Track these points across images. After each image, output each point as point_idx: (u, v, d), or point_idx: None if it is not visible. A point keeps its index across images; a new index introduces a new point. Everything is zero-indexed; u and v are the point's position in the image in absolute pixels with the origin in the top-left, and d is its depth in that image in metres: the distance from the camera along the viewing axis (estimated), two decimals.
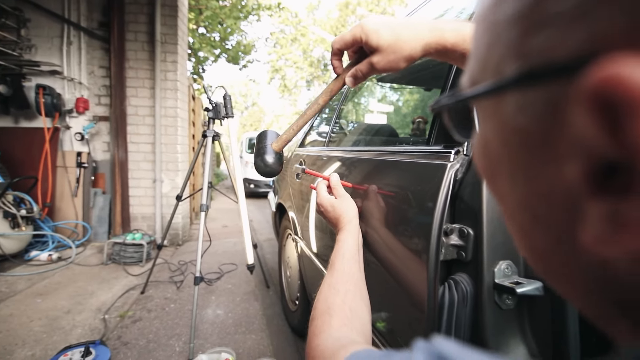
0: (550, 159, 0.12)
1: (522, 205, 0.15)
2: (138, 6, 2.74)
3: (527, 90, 0.12)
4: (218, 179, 8.71)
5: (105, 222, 2.82)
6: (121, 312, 1.72)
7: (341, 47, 0.50)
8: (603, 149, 0.10)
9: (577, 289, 0.14)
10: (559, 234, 0.13)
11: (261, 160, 0.61)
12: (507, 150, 0.14)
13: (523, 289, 0.48)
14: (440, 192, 0.54)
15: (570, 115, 0.10)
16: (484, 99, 0.15)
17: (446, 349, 0.14)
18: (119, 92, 2.70)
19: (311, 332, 0.42)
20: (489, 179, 0.17)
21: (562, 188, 0.12)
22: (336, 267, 0.53)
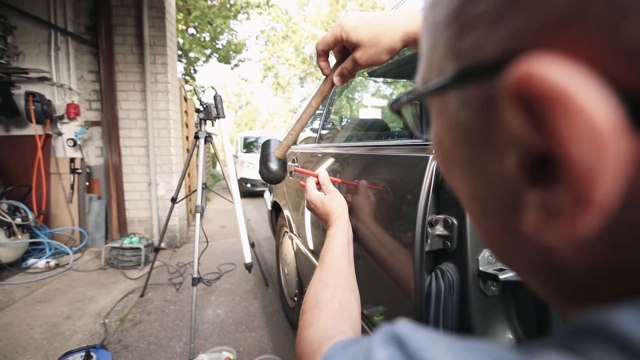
0: (491, 153, 0.13)
1: (473, 198, 0.16)
2: (125, 9, 2.72)
3: (464, 89, 0.13)
4: (214, 180, 8.69)
5: (102, 227, 2.81)
6: (121, 316, 1.73)
7: (325, 48, 0.51)
8: (531, 142, 0.10)
9: (529, 272, 0.15)
10: (506, 224, 0.14)
11: (265, 168, 0.65)
12: (455, 145, 0.15)
13: (506, 275, 0.49)
14: (423, 183, 0.55)
15: (501, 111, 0.11)
16: (433, 98, 0.16)
17: (401, 329, 0.15)
18: (109, 96, 2.69)
19: (301, 325, 0.42)
20: (445, 173, 0.18)
21: (503, 180, 0.12)
22: (326, 261, 0.54)
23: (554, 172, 0.10)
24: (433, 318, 0.54)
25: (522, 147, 0.11)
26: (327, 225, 0.64)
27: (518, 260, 0.15)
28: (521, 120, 0.10)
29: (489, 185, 0.14)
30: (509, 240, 0.15)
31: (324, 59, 0.53)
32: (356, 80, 1.80)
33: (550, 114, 0.09)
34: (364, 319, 0.76)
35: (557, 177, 0.10)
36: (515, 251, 0.15)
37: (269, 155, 0.65)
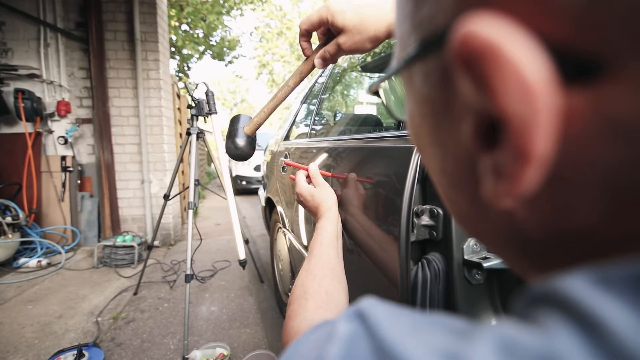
0: (451, 123, 0.13)
1: (441, 172, 0.16)
2: (115, 5, 2.68)
3: (425, 61, 0.13)
4: (210, 178, 8.65)
5: (94, 226, 2.79)
6: (114, 314, 1.72)
7: (308, 28, 0.50)
8: (480, 107, 0.10)
9: (495, 242, 0.16)
10: (471, 195, 0.14)
11: (232, 143, 0.62)
12: (423, 120, 0.15)
13: (490, 262, 0.50)
14: (408, 174, 0.55)
15: (455, 78, 0.11)
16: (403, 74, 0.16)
17: (364, 305, 0.15)
18: (100, 93, 2.66)
19: (287, 315, 0.43)
20: (419, 150, 0.18)
21: (463, 150, 0.13)
22: (314, 253, 0.54)
23: (499, 134, 0.10)
24: (419, 307, 0.55)
25: (473, 114, 0.11)
26: (317, 218, 0.64)
27: (485, 230, 0.16)
28: (468, 83, 0.10)
29: (452, 157, 0.14)
30: (475, 210, 0.15)
31: (307, 39, 0.53)
32: (352, 77, 1.80)
33: (486, 70, 0.09)
34: None
35: (501, 138, 0.10)
36: (482, 221, 0.15)
37: (237, 130, 0.62)
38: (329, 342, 0.14)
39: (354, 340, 0.13)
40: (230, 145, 0.62)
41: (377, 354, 0.12)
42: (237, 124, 0.62)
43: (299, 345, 0.20)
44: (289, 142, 1.67)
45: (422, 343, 0.11)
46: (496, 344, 0.09)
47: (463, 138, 0.12)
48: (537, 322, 0.10)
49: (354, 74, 1.76)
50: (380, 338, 0.12)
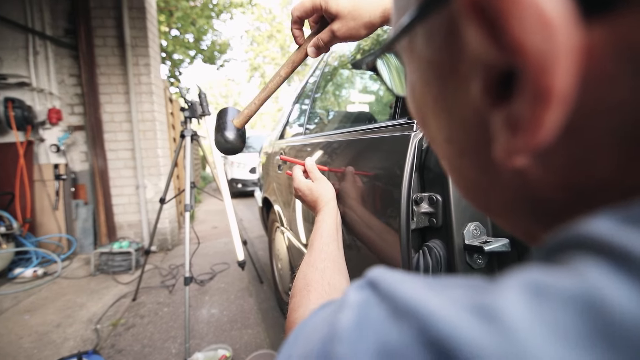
0: (459, 84, 0.12)
1: (447, 141, 0.15)
2: (104, 10, 2.66)
3: (428, 21, 0.13)
4: (205, 182, 8.60)
5: (90, 233, 2.75)
6: (113, 321, 1.70)
7: (301, 14, 0.48)
8: (492, 58, 0.10)
9: (506, 211, 0.15)
10: (480, 161, 0.14)
11: (221, 136, 0.59)
12: (426, 87, 0.15)
13: (491, 246, 0.50)
14: (406, 162, 0.55)
15: (463, 33, 0.11)
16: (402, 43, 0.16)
17: (374, 274, 0.15)
18: (92, 99, 2.63)
19: (290, 308, 0.42)
20: (421, 123, 0.18)
21: (472, 110, 0.12)
22: (315, 246, 0.53)
23: (514, 84, 0.10)
24: None
25: (484, 68, 0.11)
26: (316, 212, 0.64)
27: (495, 198, 0.15)
28: (479, 33, 0.10)
29: (460, 122, 0.14)
30: (485, 178, 0.14)
31: (299, 27, 0.51)
32: (343, 77, 1.80)
33: (501, 9, 0.09)
34: None
35: (516, 87, 0.10)
36: (491, 189, 0.15)
37: (225, 123, 0.59)
38: (339, 311, 0.14)
39: (367, 305, 0.13)
40: (220, 139, 0.59)
41: (394, 314, 0.11)
42: (226, 116, 0.60)
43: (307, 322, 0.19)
44: (283, 141, 1.67)
45: (443, 299, 0.10)
46: (526, 289, 0.09)
47: (472, 98, 0.12)
48: (565, 265, 0.09)
49: (345, 73, 1.77)
50: (396, 299, 0.12)
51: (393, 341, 0.10)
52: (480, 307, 0.09)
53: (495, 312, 0.09)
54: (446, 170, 0.18)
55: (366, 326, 0.12)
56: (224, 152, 0.61)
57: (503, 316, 0.09)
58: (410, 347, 0.10)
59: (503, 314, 0.09)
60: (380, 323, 0.11)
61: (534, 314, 0.08)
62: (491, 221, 0.55)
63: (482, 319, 0.09)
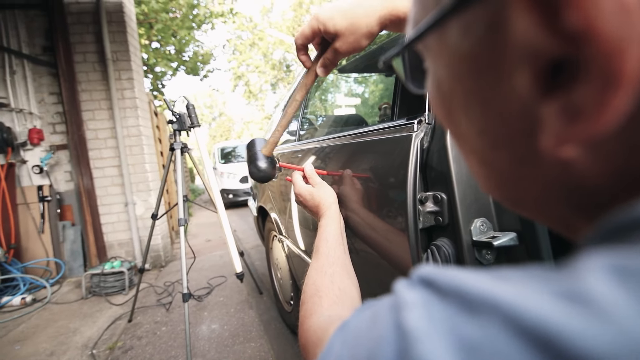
0: (500, 75, 0.12)
1: (481, 133, 0.15)
2: (82, 26, 2.61)
3: (467, 12, 0.12)
4: (195, 195, 8.47)
5: (79, 255, 2.66)
6: (110, 344, 1.64)
7: (303, 41, 0.51)
8: (547, 47, 0.10)
9: (541, 203, 0.15)
10: (520, 150, 0.14)
11: (255, 167, 0.64)
12: (459, 82, 0.15)
13: (499, 241, 0.50)
14: (409, 162, 0.55)
15: (511, 22, 0.11)
16: (429, 37, 0.15)
17: (424, 271, 0.14)
18: (74, 117, 2.56)
19: (302, 315, 0.41)
20: (447, 119, 0.17)
21: (516, 101, 0.12)
22: (321, 251, 0.53)
23: (575, 71, 0.10)
24: None
25: (534, 57, 0.11)
26: (318, 217, 0.63)
27: (529, 191, 0.15)
28: (534, 21, 0.10)
29: (499, 114, 0.13)
30: (521, 170, 0.14)
31: (304, 53, 0.54)
32: (327, 81, 1.81)
33: (567, 4, 0.09)
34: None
35: (579, 73, 0.10)
36: (527, 181, 0.14)
37: (256, 154, 0.64)
38: (400, 311, 0.13)
39: (430, 303, 0.12)
40: (254, 170, 0.64)
41: (466, 308, 0.11)
42: (254, 148, 0.65)
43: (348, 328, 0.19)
44: (276, 148, 1.65)
45: (518, 288, 0.10)
46: (608, 272, 0.09)
47: (516, 89, 0.12)
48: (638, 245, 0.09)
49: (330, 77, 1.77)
50: (463, 293, 0.11)
51: (474, 335, 0.10)
52: (567, 293, 0.09)
53: (587, 296, 0.09)
54: (472, 165, 0.18)
55: (439, 323, 0.11)
56: (259, 181, 0.65)
57: (599, 300, 0.08)
58: (497, 339, 0.09)
59: (598, 298, 0.08)
60: (452, 319, 0.11)
61: (629, 295, 0.08)
62: (497, 215, 0.55)
63: (575, 304, 0.09)
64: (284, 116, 0.59)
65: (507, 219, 0.54)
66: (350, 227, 0.74)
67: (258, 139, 0.67)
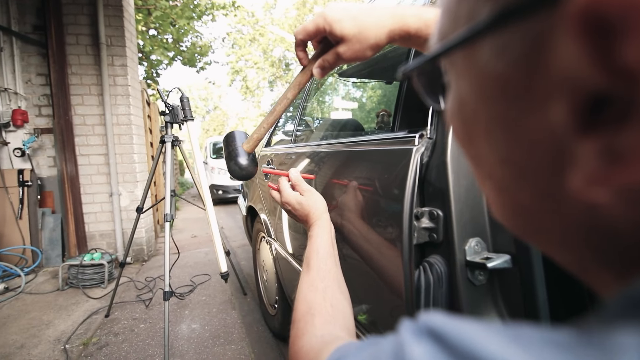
0: (533, 104, 0.11)
1: (504, 162, 0.14)
2: (77, 7, 2.52)
3: (504, 32, 0.11)
4: (183, 189, 8.33)
5: (58, 244, 2.57)
6: (84, 340, 1.58)
7: (304, 37, 0.49)
8: (593, 81, 0.09)
9: (559, 242, 0.14)
10: (545, 185, 0.13)
11: (235, 164, 0.59)
12: (484, 104, 0.14)
13: (493, 263, 0.49)
14: (408, 177, 0.54)
15: (554, 49, 0.10)
16: (457, 53, 0.14)
17: (433, 322, 0.13)
18: (62, 100, 2.47)
19: (294, 334, 0.40)
20: (465, 140, 0.17)
21: (548, 133, 0.11)
22: (312, 265, 0.50)
23: (621, 111, 0.09)
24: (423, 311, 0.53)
25: (576, 90, 0.10)
26: (308, 226, 0.60)
27: (547, 228, 0.14)
28: (583, 54, 0.09)
29: (527, 143, 0.12)
30: (542, 205, 0.13)
31: (303, 49, 0.51)
32: (327, 83, 1.79)
33: (633, 30, 0.08)
34: None
35: (628, 114, 0.09)
36: (548, 218, 0.14)
37: (237, 149, 0.59)
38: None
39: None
40: (234, 167, 0.59)
41: None
42: (235, 142, 0.59)
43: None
44: (270, 148, 1.63)
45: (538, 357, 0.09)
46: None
47: (550, 120, 0.11)
48: None
49: (330, 79, 1.76)
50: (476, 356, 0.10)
51: None
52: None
53: None
54: (487, 191, 0.17)
55: None
56: (240, 179, 0.60)
57: None
58: None
59: None
60: None
61: None
62: (492, 236, 0.54)
63: None
64: (272, 113, 0.56)
65: (501, 240, 0.54)
66: (343, 237, 0.73)
67: (238, 132, 0.62)
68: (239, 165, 0.58)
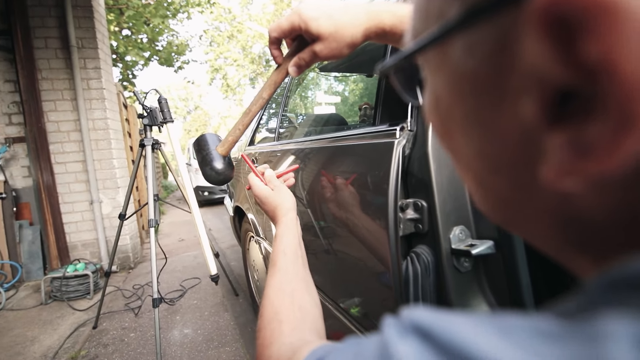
0: (504, 99, 0.12)
1: (479, 155, 0.15)
2: (44, 9, 2.40)
3: (473, 30, 0.12)
4: (167, 192, 8.15)
5: (38, 257, 2.47)
6: (72, 354, 1.53)
7: (279, 35, 0.48)
8: (558, 76, 0.09)
9: (538, 230, 0.15)
10: (519, 177, 0.13)
11: (211, 169, 0.56)
12: (458, 100, 0.14)
13: (477, 249, 0.51)
14: (391, 169, 0.54)
15: (521, 46, 0.10)
16: (430, 50, 0.14)
17: (418, 318, 0.13)
18: (33, 107, 2.36)
19: (260, 344, 0.37)
20: (443, 135, 0.17)
21: (519, 127, 0.12)
22: (278, 266, 0.47)
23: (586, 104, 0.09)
24: (413, 301, 0.54)
25: (543, 85, 0.10)
26: (275, 223, 0.57)
27: (526, 217, 0.14)
28: (548, 50, 0.09)
29: (499, 137, 0.13)
30: (519, 196, 0.14)
31: (277, 47, 0.50)
32: (308, 78, 1.78)
33: (593, 27, 0.08)
34: (342, 312, 0.74)
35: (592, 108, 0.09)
36: (524, 208, 0.14)
37: (210, 153, 0.57)
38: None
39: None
40: (210, 173, 0.56)
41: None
42: (208, 146, 0.57)
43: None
44: (253, 147, 1.61)
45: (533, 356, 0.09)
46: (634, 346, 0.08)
47: (521, 114, 0.11)
48: None
49: (311, 74, 1.75)
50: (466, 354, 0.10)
51: None
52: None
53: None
54: (468, 183, 0.18)
55: None
56: (216, 184, 0.59)
57: None
58: None
59: None
60: None
61: None
62: (475, 223, 0.56)
63: None
64: (247, 114, 0.54)
65: (484, 227, 0.55)
66: (330, 233, 0.73)
67: (209, 135, 0.60)
68: (215, 170, 0.56)
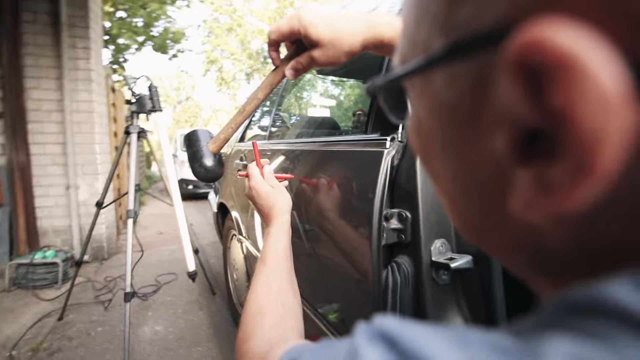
0: (479, 132, 0.12)
1: (454, 181, 0.16)
2: None
3: (454, 65, 0.12)
4: (150, 182, 7.94)
5: (5, 241, 2.34)
6: (33, 345, 1.46)
7: (278, 38, 0.49)
8: (527, 117, 0.10)
9: (506, 253, 0.16)
10: (490, 205, 0.14)
11: (200, 166, 0.56)
12: (438, 127, 0.15)
13: (456, 263, 0.51)
14: (378, 179, 0.55)
15: (496, 86, 0.11)
16: (415, 77, 0.15)
17: (387, 326, 0.14)
18: (14, 83, 2.25)
19: (240, 337, 0.38)
20: (423, 158, 0.18)
21: (491, 160, 0.12)
22: (268, 263, 0.48)
23: (551, 146, 0.10)
24: (390, 311, 0.55)
25: (514, 124, 0.11)
26: (268, 221, 0.56)
27: (496, 240, 0.16)
28: (518, 92, 0.10)
29: (473, 167, 0.14)
30: (489, 222, 0.15)
31: (275, 49, 0.52)
32: (305, 79, 1.78)
33: (558, 80, 0.09)
34: (319, 318, 0.74)
35: (555, 151, 0.10)
36: (494, 232, 0.15)
37: (201, 150, 0.57)
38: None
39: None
40: (199, 169, 0.56)
41: None
42: (199, 142, 0.57)
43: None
44: (243, 144, 1.59)
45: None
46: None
47: (493, 149, 0.12)
48: (596, 335, 0.10)
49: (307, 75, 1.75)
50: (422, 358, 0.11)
51: None
52: None
53: None
54: (444, 204, 0.19)
55: None
56: (205, 181, 0.59)
57: None
58: None
59: None
60: None
61: None
62: (456, 237, 0.57)
63: None
64: (241, 113, 0.54)
65: (464, 241, 0.56)
66: (313, 237, 0.72)
67: (201, 131, 0.60)
68: (205, 167, 0.56)
